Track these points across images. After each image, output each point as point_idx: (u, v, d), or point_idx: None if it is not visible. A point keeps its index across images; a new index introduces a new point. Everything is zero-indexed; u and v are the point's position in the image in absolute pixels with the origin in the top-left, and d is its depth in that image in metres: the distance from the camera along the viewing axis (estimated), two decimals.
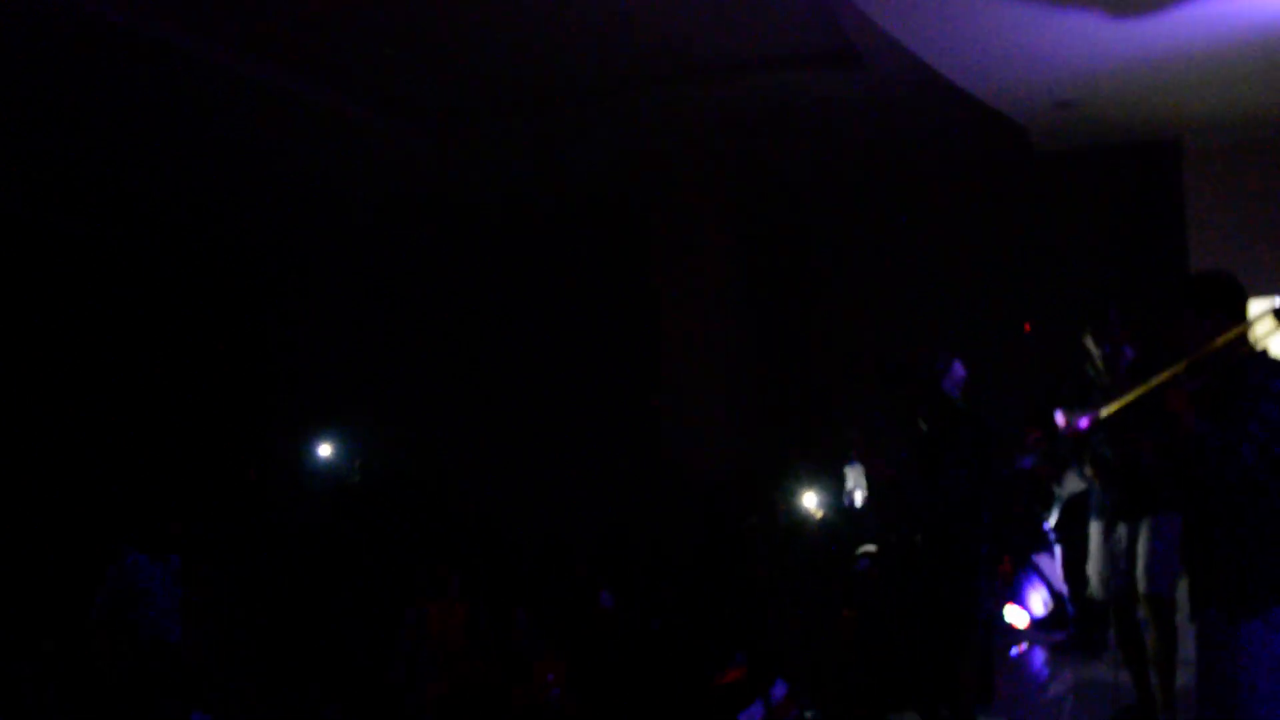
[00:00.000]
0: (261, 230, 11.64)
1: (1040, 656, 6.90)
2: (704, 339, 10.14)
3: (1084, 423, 3.39)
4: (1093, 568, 5.28)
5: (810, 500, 7.42)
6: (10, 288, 10.23)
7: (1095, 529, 5.26)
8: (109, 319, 11.08)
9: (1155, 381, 3.11)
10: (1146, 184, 9.46)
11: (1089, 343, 5.20)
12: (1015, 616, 7.15)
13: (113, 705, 5.42)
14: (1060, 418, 4.94)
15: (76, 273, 10.90)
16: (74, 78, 8.15)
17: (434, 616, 6.25)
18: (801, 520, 7.33)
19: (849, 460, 7.64)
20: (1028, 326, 9.10)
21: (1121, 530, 5.08)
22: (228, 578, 7.20)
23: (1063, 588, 7.12)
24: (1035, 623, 7.16)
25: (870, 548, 6.42)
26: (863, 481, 7.14)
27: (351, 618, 7.05)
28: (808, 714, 5.34)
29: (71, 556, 7.36)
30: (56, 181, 10.18)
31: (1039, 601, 7.19)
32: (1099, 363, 5.14)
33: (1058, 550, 7.21)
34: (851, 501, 7.53)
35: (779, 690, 4.89)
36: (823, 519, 7.35)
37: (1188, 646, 4.24)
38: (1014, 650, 6.96)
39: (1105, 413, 3.33)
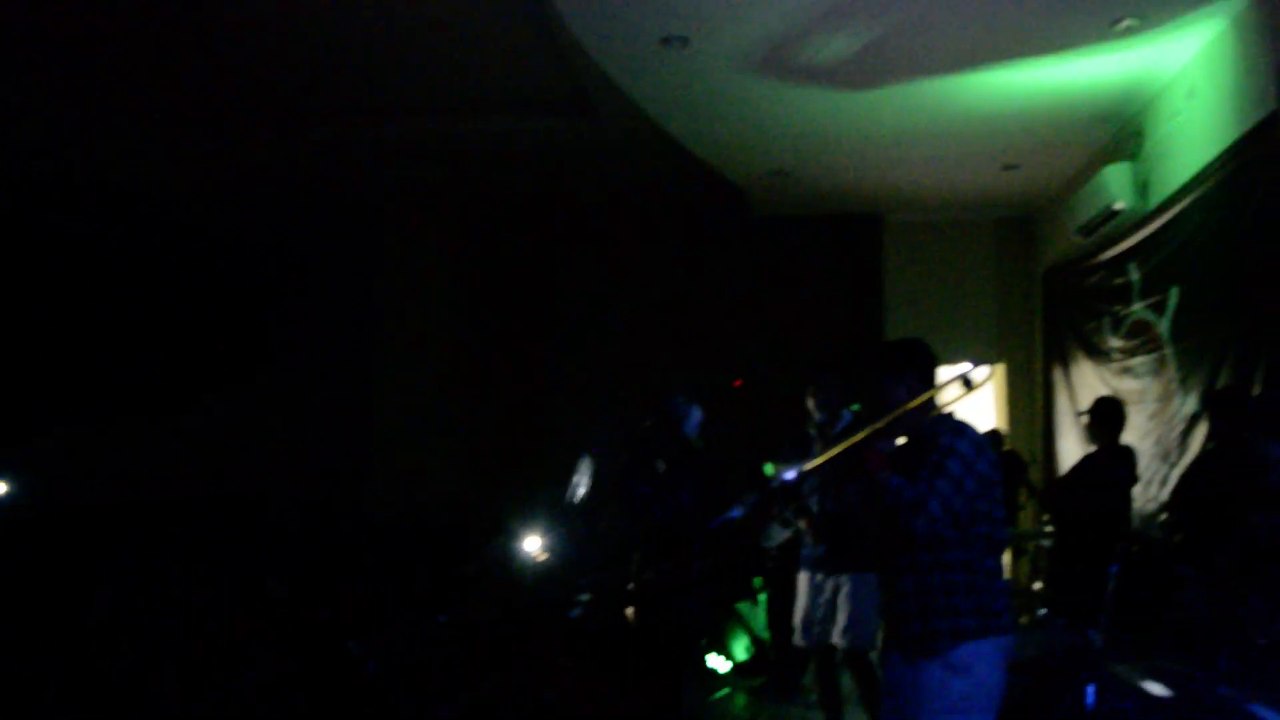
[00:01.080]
0: None
1: (744, 700, 7.14)
2: (424, 374, 10.01)
3: (790, 476, 3.57)
4: (797, 617, 5.54)
5: (533, 544, 7.33)
6: None
7: (803, 579, 5.54)
8: None
9: (853, 440, 3.31)
10: (851, 251, 10.12)
11: (809, 403, 5.50)
12: (717, 662, 7.38)
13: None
14: (773, 471, 5.20)
15: None
16: None
17: None
18: (522, 566, 7.23)
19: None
20: (738, 382, 9.48)
21: (826, 582, 5.38)
22: None
23: (764, 634, 7.43)
24: (737, 668, 7.41)
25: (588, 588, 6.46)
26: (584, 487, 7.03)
27: None
28: None
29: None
30: None
31: (741, 648, 7.44)
32: (816, 422, 5.46)
33: (761, 598, 7.51)
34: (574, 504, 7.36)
35: None
36: (545, 563, 7.29)
37: None
38: (716, 695, 7.17)
39: (807, 467, 3.52)
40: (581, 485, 6.81)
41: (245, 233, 10.59)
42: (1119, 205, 7.38)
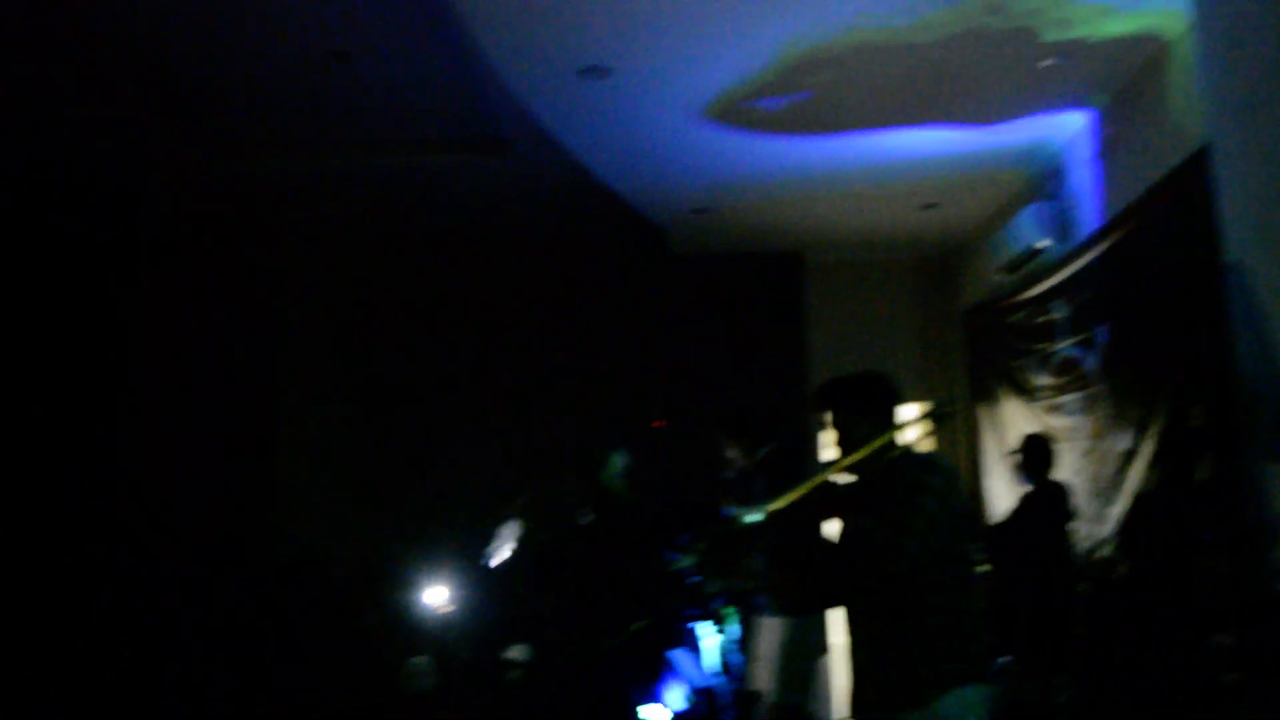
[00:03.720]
0: None
1: None
2: (330, 417, 9.59)
3: (754, 518, 3.30)
4: (757, 668, 5.31)
5: (435, 596, 6.96)
6: None
7: (763, 627, 5.30)
8: None
9: (815, 481, 3.08)
10: (772, 291, 9.98)
11: (726, 446, 5.28)
12: (654, 714, 7.07)
13: None
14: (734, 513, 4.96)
15: None
16: None
17: None
18: (426, 619, 6.86)
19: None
20: (659, 423, 9.28)
21: (773, 625, 5.14)
22: None
23: (707, 681, 7.19)
24: (674, 718, 7.14)
25: (517, 651, 6.12)
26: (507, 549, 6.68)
27: None
28: None
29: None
30: None
31: (679, 697, 7.17)
32: (737, 464, 5.23)
33: (703, 645, 7.28)
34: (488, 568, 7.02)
35: None
36: (449, 615, 6.92)
37: None
38: None
39: (772, 508, 3.26)
40: (503, 549, 6.49)
41: (143, 262, 10.06)
42: (1040, 244, 7.33)
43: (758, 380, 9.46)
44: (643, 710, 6.95)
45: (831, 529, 3.28)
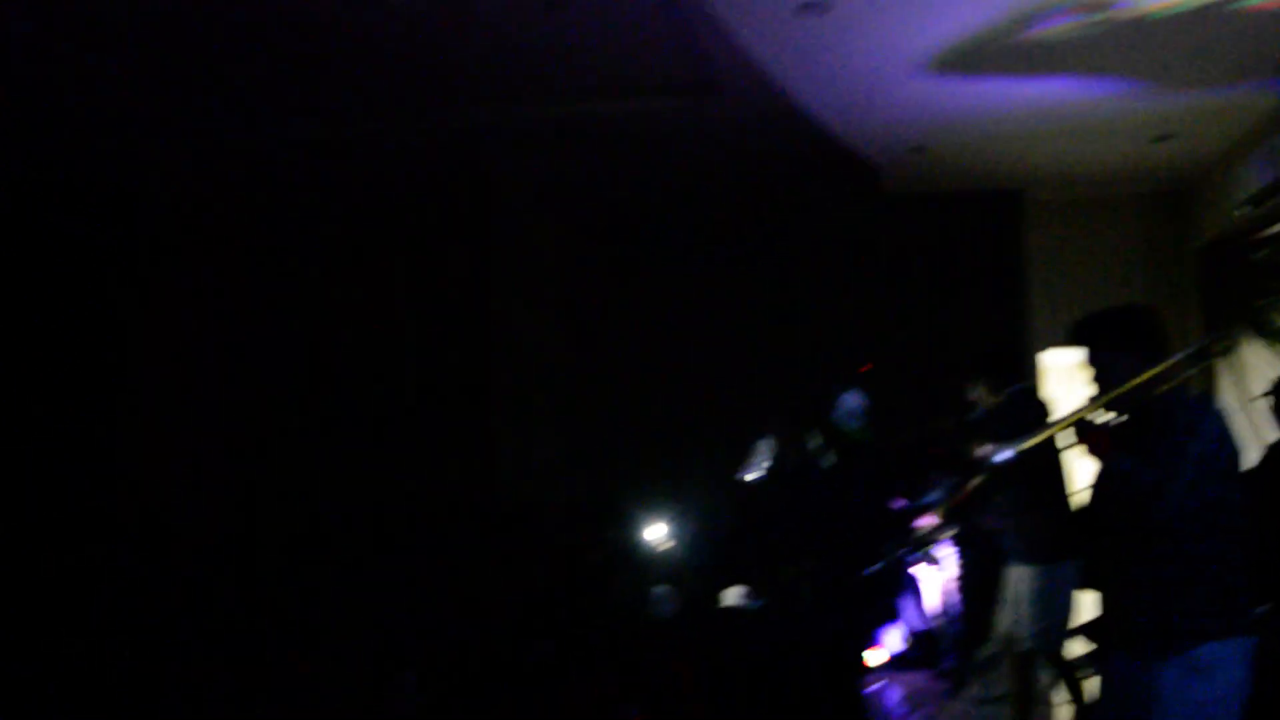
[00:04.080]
0: None
1: (896, 694, 6.87)
2: (540, 357, 9.80)
3: (1005, 456, 3.22)
4: (1003, 613, 5.22)
5: (657, 531, 7.08)
6: None
7: (1012, 573, 5.19)
8: None
9: (1072, 418, 2.98)
10: (990, 231, 9.67)
11: (977, 387, 5.17)
12: (875, 656, 7.09)
13: None
14: (977, 451, 4.89)
15: None
16: None
17: None
18: (650, 554, 6.99)
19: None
20: (866, 367, 9.16)
21: (1023, 573, 5.03)
22: None
23: (923, 625, 7.18)
24: (893, 660, 7.15)
25: (736, 593, 6.19)
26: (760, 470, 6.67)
27: None
28: None
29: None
30: None
31: (898, 639, 7.17)
32: (983, 404, 5.11)
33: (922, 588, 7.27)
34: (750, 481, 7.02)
35: None
36: (671, 551, 7.04)
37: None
38: (871, 688, 6.88)
39: (1024, 447, 3.17)
40: (758, 467, 6.53)
41: (358, 224, 10.48)
42: None
43: (975, 323, 9.22)
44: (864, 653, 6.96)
45: (1085, 472, 3.15)
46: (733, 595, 6.31)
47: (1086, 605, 5.20)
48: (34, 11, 6.50)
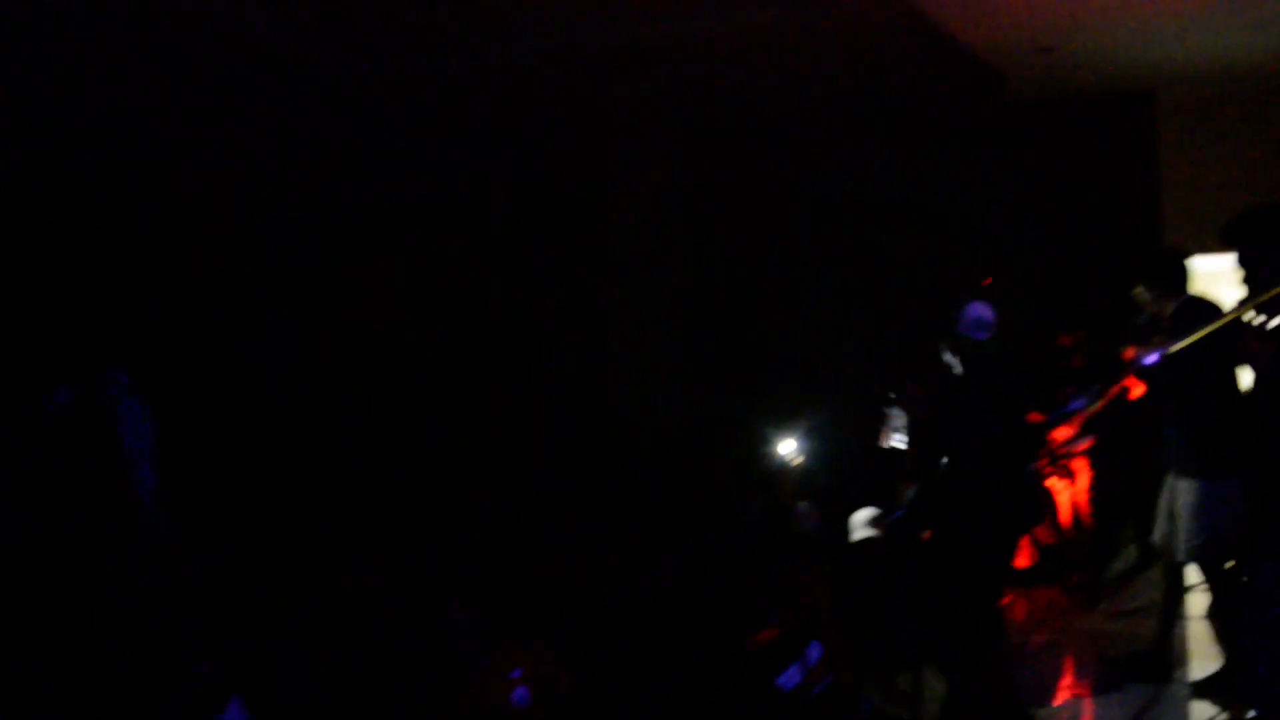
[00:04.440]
0: None
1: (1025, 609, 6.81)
2: (655, 279, 9.74)
3: (1152, 359, 3.12)
4: (1159, 524, 5.11)
5: (787, 447, 7.06)
6: None
7: (1174, 485, 5.06)
8: None
9: (1225, 319, 2.87)
10: (1122, 134, 9.35)
11: (1142, 292, 5.02)
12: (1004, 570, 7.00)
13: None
14: (1129, 353, 4.78)
15: None
16: None
17: None
18: (781, 468, 6.98)
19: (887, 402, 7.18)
20: (988, 280, 8.97)
21: (1185, 486, 4.88)
22: None
23: (1055, 539, 7.08)
24: (1024, 574, 7.06)
25: (867, 521, 6.15)
26: (902, 423, 6.67)
27: None
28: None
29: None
30: None
31: (1028, 554, 7.08)
32: (1149, 309, 4.97)
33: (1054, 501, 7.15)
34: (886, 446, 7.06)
35: (814, 652, 4.57)
36: (801, 467, 7.02)
37: None
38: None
39: (1173, 349, 3.07)
40: (894, 436, 6.51)
41: (472, 148, 10.54)
42: None
43: (1108, 232, 8.96)
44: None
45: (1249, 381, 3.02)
46: (862, 517, 6.29)
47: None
48: None
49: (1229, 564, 4.69)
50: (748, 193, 10.61)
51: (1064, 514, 7.28)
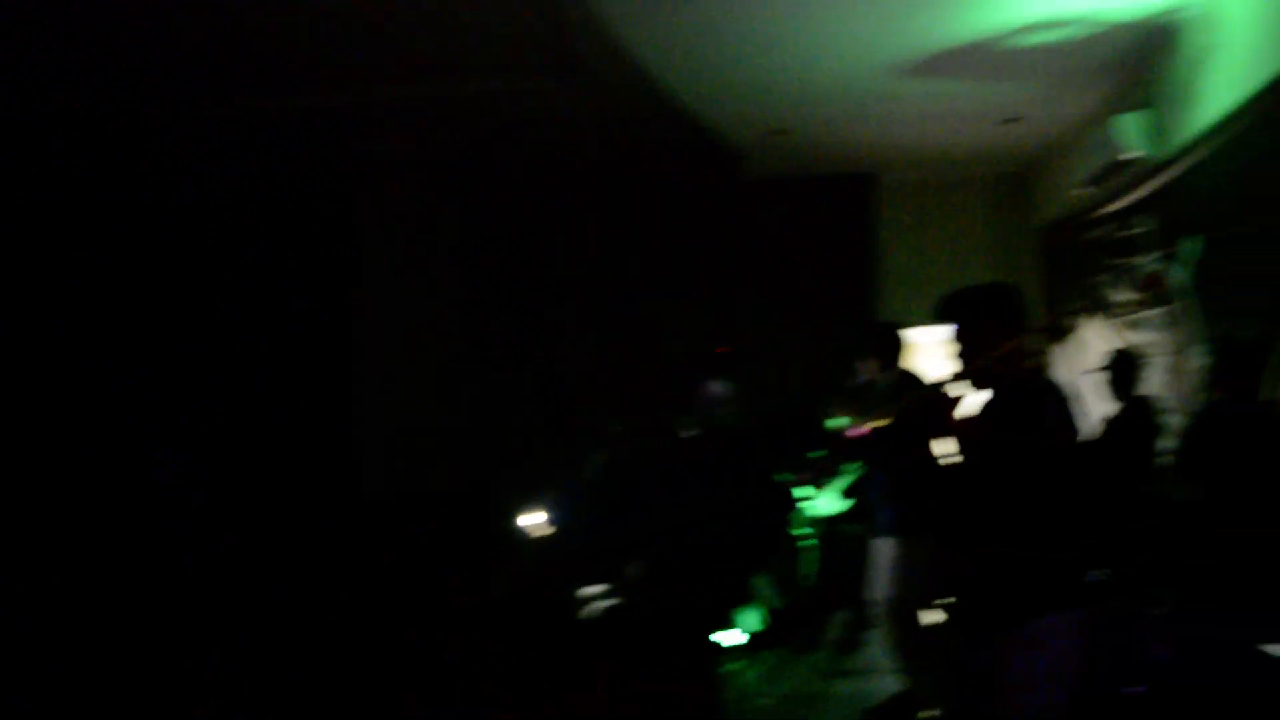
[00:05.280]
0: None
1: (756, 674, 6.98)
2: (414, 350, 9.64)
3: (861, 432, 3.34)
4: (875, 580, 5.40)
5: (532, 519, 7.07)
6: None
7: (880, 544, 5.38)
8: None
9: (929, 392, 3.08)
10: (846, 212, 9.96)
11: (866, 361, 5.33)
12: (727, 637, 7.14)
13: None
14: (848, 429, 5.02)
15: None
16: None
17: None
18: (521, 542, 6.96)
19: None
20: (723, 349, 9.34)
21: (886, 544, 5.24)
22: None
23: (787, 602, 7.32)
24: (752, 640, 7.24)
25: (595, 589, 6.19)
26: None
27: None
28: None
29: None
30: None
31: (754, 620, 7.27)
32: (865, 379, 5.28)
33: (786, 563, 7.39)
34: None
35: None
36: (544, 539, 7.03)
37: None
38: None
39: (881, 424, 3.29)
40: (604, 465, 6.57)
41: (209, 210, 10.12)
42: (1131, 155, 7.18)
43: (832, 303, 9.48)
44: (717, 635, 7.04)
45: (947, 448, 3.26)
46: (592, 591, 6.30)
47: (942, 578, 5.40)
48: None
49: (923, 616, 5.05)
50: (510, 250, 10.61)
51: (799, 575, 7.55)
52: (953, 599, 3.40)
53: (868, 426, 3.77)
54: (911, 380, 5.19)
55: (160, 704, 5.06)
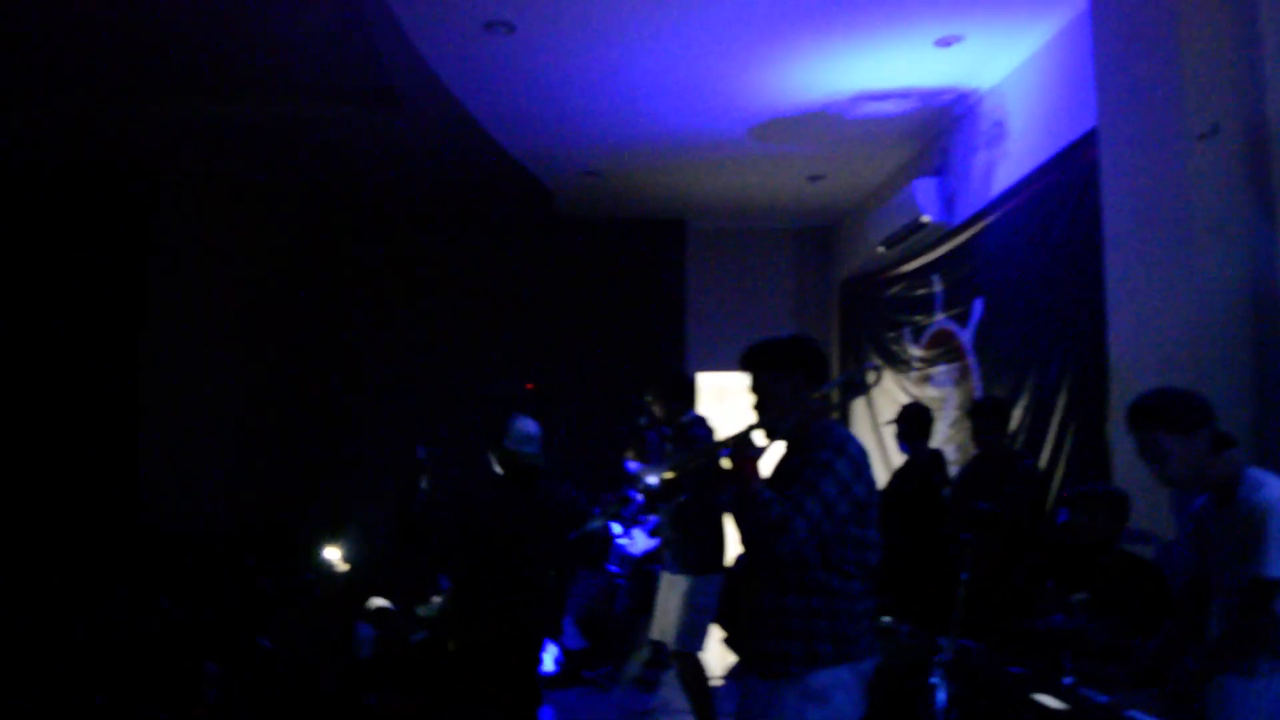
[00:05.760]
0: None
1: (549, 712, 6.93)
2: (205, 375, 9.17)
3: (652, 481, 3.33)
4: (661, 617, 5.43)
5: (333, 553, 6.85)
6: None
7: (666, 580, 5.42)
8: None
9: (723, 442, 3.09)
10: (655, 256, 10.10)
11: (655, 405, 5.37)
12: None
13: None
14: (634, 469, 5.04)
15: None
16: None
17: None
18: (326, 576, 6.73)
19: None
20: (529, 386, 9.32)
21: (674, 581, 5.29)
22: None
23: (581, 642, 7.30)
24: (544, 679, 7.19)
25: (380, 602, 6.07)
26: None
27: None
28: None
29: None
30: None
31: (549, 660, 7.23)
32: (658, 423, 5.33)
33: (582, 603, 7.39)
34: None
35: None
36: (348, 573, 6.81)
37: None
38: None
39: (669, 473, 3.28)
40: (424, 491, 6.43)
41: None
42: (925, 218, 7.57)
43: (640, 345, 9.58)
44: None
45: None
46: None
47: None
48: None
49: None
50: (314, 277, 10.27)
51: (591, 614, 7.56)
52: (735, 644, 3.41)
53: (655, 474, 3.78)
54: (701, 426, 5.28)
55: None
